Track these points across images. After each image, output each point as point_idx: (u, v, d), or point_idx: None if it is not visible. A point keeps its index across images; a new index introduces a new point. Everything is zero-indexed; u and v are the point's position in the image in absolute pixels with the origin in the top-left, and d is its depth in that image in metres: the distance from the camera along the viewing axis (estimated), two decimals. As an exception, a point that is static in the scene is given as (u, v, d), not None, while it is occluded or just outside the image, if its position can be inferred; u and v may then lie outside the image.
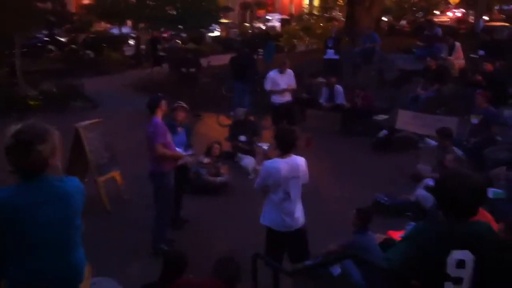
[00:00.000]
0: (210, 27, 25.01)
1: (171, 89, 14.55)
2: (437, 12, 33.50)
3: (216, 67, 19.30)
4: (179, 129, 7.41)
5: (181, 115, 7.39)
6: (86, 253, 3.36)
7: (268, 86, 11.05)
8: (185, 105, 7.42)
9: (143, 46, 23.12)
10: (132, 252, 6.75)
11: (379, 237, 6.07)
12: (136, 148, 10.77)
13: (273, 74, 11.11)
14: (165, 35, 24.48)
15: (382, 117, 12.06)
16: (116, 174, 8.38)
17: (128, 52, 24.21)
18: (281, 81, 10.95)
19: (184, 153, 6.99)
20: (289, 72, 11.14)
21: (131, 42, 24.90)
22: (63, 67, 19.76)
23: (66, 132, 5.88)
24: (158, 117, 6.52)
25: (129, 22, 25.52)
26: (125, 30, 25.26)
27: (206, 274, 5.78)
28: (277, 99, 11.03)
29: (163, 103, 6.58)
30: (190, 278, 4.79)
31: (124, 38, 24.80)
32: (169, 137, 6.60)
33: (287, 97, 11.06)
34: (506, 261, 3.17)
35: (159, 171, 6.52)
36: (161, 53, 20.72)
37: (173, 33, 24.15)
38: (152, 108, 6.53)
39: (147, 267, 6.18)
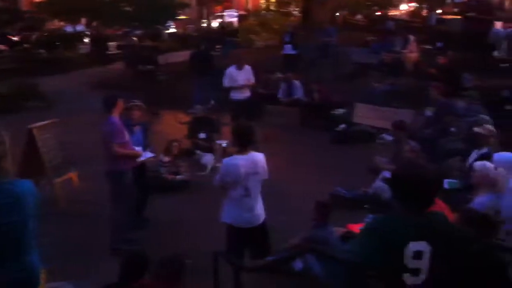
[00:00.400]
0: (166, 24, 24.68)
1: (127, 87, 14.34)
2: (392, 7, 34.02)
3: (173, 64, 19.13)
4: (135, 128, 7.31)
5: (136, 114, 7.32)
6: (43, 257, 3.29)
7: (226, 82, 11.02)
8: (140, 104, 7.33)
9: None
10: (90, 253, 6.63)
11: (338, 230, 6.13)
12: (93, 147, 10.57)
13: (231, 70, 11.07)
14: (119, 32, 24.12)
15: (340, 111, 12.20)
16: (72, 175, 8.22)
17: (83, 50, 23.73)
18: (239, 77, 10.91)
19: (141, 152, 6.90)
20: (247, 68, 11.12)
21: (86, 40, 24.42)
22: (15, 66, 19.22)
23: (19, 134, 5.77)
24: (115, 116, 6.43)
25: (83, 20, 25.03)
26: (79, 28, 24.74)
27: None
28: (235, 95, 11.00)
29: (120, 102, 6.51)
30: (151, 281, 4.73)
31: (78, 36, 24.28)
32: (126, 136, 6.52)
33: (246, 93, 11.05)
34: (461, 250, 3.25)
35: (115, 170, 6.44)
36: (115, 51, 20.47)
37: (127, 30, 23.79)
38: (109, 107, 6.45)
39: (107, 268, 6.06)
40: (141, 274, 4.48)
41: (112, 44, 22.32)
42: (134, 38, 20.08)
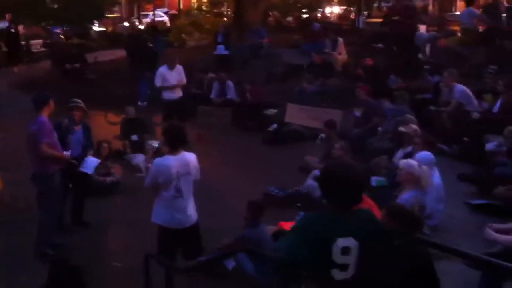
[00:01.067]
0: (95, 22, 24.03)
1: (54, 86, 13.91)
2: (321, 9, 34.73)
3: (103, 63, 18.68)
4: (76, 128, 7.14)
5: (78, 115, 7.14)
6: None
7: (158, 82, 10.86)
8: (82, 104, 7.17)
9: (23, 42, 21.85)
10: (14, 258, 6.39)
11: (271, 229, 6.19)
12: (19, 150, 10.18)
13: (162, 70, 10.89)
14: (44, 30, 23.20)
15: (272, 111, 12.32)
16: (-3, 178, 7.89)
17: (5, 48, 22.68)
18: (171, 77, 10.76)
19: (66, 155, 6.63)
20: (179, 67, 10.99)
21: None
22: None
23: None
24: (44, 115, 6.25)
25: (8, 16, 23.96)
26: (3, 24, 23.64)
27: (98, 278, 5.64)
28: (167, 95, 10.84)
29: (51, 102, 6.35)
30: None
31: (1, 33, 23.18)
32: (54, 136, 6.33)
33: (178, 93, 10.93)
34: (387, 245, 3.36)
35: (42, 172, 6.23)
36: (41, 49, 19.79)
37: (54, 27, 22.96)
38: (39, 106, 6.27)
39: (32, 273, 5.88)
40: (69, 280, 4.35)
41: (37, 42, 21.50)
42: (61, 36, 19.46)
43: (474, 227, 5.71)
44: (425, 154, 6.10)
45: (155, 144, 9.75)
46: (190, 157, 5.43)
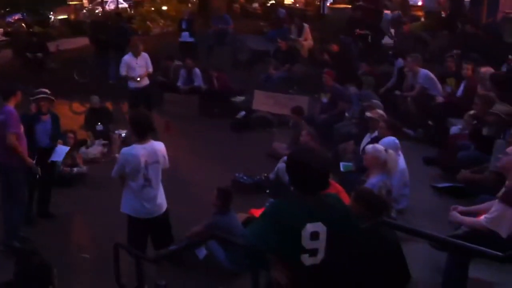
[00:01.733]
0: (55, 9, 23.40)
1: (15, 75, 13.58)
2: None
3: (66, 51, 18.25)
4: (44, 118, 7.08)
5: (45, 105, 7.10)
6: None
7: (123, 71, 10.66)
8: (50, 95, 7.06)
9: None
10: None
11: (241, 216, 6.22)
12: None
13: (127, 58, 10.67)
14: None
15: (239, 98, 12.29)
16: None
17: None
18: (136, 65, 10.57)
19: (29, 160, 6.43)
20: (144, 55, 10.79)
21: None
22: None
23: None
24: (11, 105, 6.19)
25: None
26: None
27: (67, 270, 5.57)
28: (133, 84, 10.66)
29: (19, 92, 6.30)
30: None
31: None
32: (21, 128, 6.21)
33: (144, 82, 10.76)
34: (354, 229, 3.41)
35: (8, 163, 6.12)
36: (1, 38, 19.29)
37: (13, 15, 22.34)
38: (6, 96, 6.21)
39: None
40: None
41: (-2, 29, 20.92)
42: (22, 25, 18.94)
43: (440, 210, 5.83)
44: (390, 139, 6.19)
45: (122, 133, 9.66)
46: (158, 145, 5.41)
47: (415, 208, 6.16)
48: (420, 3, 18.16)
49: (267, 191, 7.59)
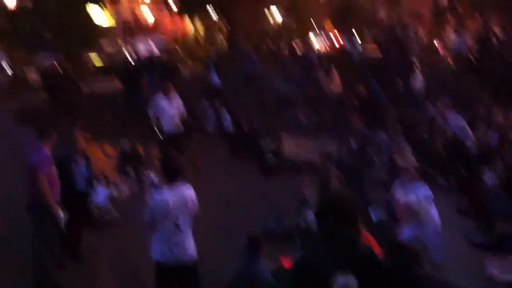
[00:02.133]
0: (89, 51, 24.05)
1: (49, 116, 13.88)
2: (312, 38, 35.08)
3: (98, 93, 18.67)
4: (80, 161, 7.15)
5: (82, 145, 7.21)
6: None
7: (152, 112, 10.57)
8: (85, 134, 7.19)
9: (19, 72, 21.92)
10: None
11: (270, 264, 6.15)
12: (10, 182, 10.10)
13: (158, 99, 10.51)
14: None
15: (268, 141, 12.32)
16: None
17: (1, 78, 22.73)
18: (167, 106, 10.46)
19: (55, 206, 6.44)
20: (175, 96, 10.64)
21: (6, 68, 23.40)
22: None
23: None
24: (46, 147, 6.26)
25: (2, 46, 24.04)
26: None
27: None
28: (164, 125, 10.52)
29: (53, 133, 6.41)
30: None
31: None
32: (53, 169, 6.29)
33: (176, 123, 10.75)
34: (387, 282, 3.34)
35: (39, 203, 6.15)
36: (36, 79, 19.85)
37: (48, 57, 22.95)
38: (41, 136, 6.31)
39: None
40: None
41: (31, 71, 21.51)
42: (55, 66, 19.45)
43: (473, 262, 5.69)
44: (423, 187, 6.10)
45: (153, 176, 9.70)
46: (188, 189, 5.39)
47: (448, 260, 6.02)
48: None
49: (297, 238, 7.51)
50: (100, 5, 19.54)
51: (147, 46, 32.87)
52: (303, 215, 7.68)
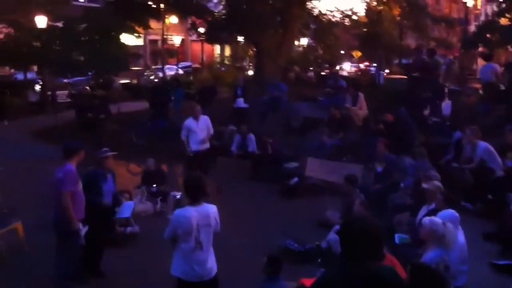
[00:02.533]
0: (118, 74, 24.55)
1: (77, 135, 14.15)
2: (341, 65, 35.23)
3: (125, 114, 19.00)
4: (108, 177, 7.29)
5: (110, 163, 7.34)
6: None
7: (183, 135, 10.84)
8: (113, 153, 7.39)
9: (49, 92, 22.49)
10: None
11: (290, 285, 6.06)
12: (35, 197, 10.26)
13: (188, 122, 10.89)
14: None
15: (291, 164, 12.31)
16: (17, 225, 7.90)
17: (33, 98, 23.33)
18: (198, 128, 10.78)
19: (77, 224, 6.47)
20: (204, 118, 10.99)
21: (37, 88, 24.03)
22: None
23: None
24: (72, 164, 6.30)
25: (35, 67, 24.69)
26: (30, 75, 24.35)
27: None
28: (194, 146, 10.81)
29: (81, 151, 6.43)
30: None
31: (29, 83, 23.84)
32: (79, 186, 6.35)
33: (205, 145, 10.93)
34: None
35: (63, 220, 6.21)
36: (66, 99, 20.36)
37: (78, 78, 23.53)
38: (69, 153, 6.33)
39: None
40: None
41: (62, 92, 22.02)
42: (86, 87, 19.90)
43: (498, 287, 5.54)
44: (449, 211, 5.99)
45: (178, 195, 9.73)
46: (211, 209, 5.37)
47: (473, 286, 5.87)
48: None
49: (319, 260, 7.42)
50: (130, 30, 19.92)
51: (175, 70, 33.46)
52: (324, 236, 7.60)
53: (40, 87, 23.44)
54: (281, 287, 5.68)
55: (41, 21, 19.29)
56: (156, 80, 24.71)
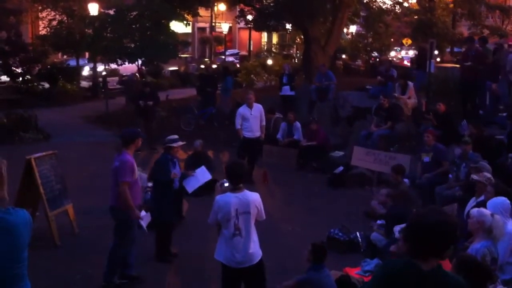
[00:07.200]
0: (168, 61, 24.91)
1: (126, 122, 14.47)
2: (391, 53, 34.53)
3: (174, 101, 19.28)
4: (175, 162, 7.63)
5: (179, 152, 7.92)
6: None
7: (238, 123, 10.96)
8: (184, 143, 7.81)
9: (100, 78, 23.02)
10: (80, 287, 6.54)
11: (335, 274, 6.06)
12: (88, 181, 10.57)
13: (242, 110, 11.00)
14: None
15: (338, 153, 12.22)
16: (69, 207, 8.15)
17: (85, 84, 23.95)
18: (251, 116, 10.85)
19: (142, 214, 6.67)
20: (258, 106, 11.06)
21: (88, 73, 24.63)
22: (15, 97, 19.40)
23: (15, 164, 5.75)
24: (130, 152, 6.36)
25: (87, 54, 25.31)
26: (82, 62, 24.97)
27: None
28: (247, 134, 10.92)
29: (138, 139, 6.50)
30: None
31: (81, 70, 24.46)
32: (136, 175, 6.44)
33: (257, 133, 10.97)
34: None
35: (120, 206, 6.31)
36: (117, 86, 20.78)
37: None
38: (127, 141, 6.37)
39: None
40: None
41: (113, 79, 22.49)
42: (136, 74, 20.24)
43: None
44: (501, 199, 5.80)
45: (225, 183, 9.75)
46: (252, 196, 5.34)
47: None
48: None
49: (362, 249, 7.37)
50: (180, 18, 20.12)
51: (222, 59, 33.64)
52: (369, 226, 7.54)
53: (91, 73, 24.03)
54: (326, 276, 5.67)
55: (93, 8, 19.76)
56: (205, 68, 24.91)
